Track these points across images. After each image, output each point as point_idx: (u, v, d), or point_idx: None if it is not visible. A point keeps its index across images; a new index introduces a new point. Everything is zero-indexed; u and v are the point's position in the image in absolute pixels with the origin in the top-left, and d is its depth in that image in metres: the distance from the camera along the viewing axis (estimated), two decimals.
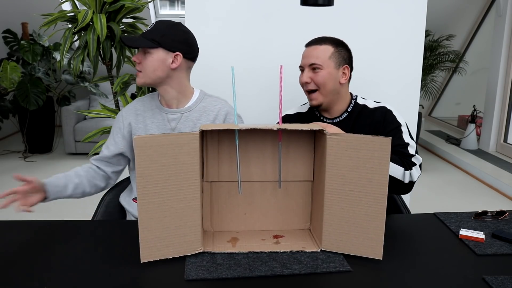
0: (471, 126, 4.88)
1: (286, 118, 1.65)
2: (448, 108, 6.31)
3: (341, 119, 1.55)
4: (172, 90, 1.51)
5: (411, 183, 1.43)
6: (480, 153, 4.71)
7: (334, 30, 2.08)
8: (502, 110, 4.62)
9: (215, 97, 1.59)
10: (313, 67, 1.49)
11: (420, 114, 4.45)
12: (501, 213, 1.40)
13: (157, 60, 1.44)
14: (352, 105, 1.56)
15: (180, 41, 1.46)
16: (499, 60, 4.50)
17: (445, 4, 5.06)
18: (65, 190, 1.43)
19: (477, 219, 1.38)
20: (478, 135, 4.96)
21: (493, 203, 3.53)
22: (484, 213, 1.39)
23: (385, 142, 1.06)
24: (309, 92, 1.53)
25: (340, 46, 1.52)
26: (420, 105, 2.79)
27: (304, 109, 1.65)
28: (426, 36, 4.78)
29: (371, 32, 2.09)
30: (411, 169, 1.42)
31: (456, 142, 5.09)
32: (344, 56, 1.52)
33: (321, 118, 1.58)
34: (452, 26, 5.49)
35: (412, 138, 1.50)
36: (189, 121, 1.53)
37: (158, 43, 1.43)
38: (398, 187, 1.42)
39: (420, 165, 1.46)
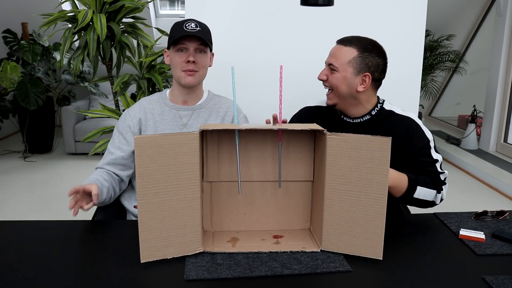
0: (471, 126, 4.88)
1: (305, 110, 1.63)
2: (448, 108, 6.31)
3: (361, 120, 1.50)
4: (199, 87, 1.59)
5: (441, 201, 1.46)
6: (480, 153, 4.70)
7: (334, 30, 2.08)
8: (502, 110, 4.62)
9: (223, 97, 1.66)
10: (331, 67, 1.45)
11: (420, 114, 4.45)
12: (501, 213, 1.40)
13: (208, 60, 1.55)
14: (378, 109, 1.50)
15: (212, 41, 1.56)
16: (499, 60, 4.50)
17: (445, 4, 5.05)
18: (101, 195, 1.39)
19: (477, 219, 1.38)
20: (478, 135, 4.96)
21: (493, 203, 3.53)
22: (484, 213, 1.39)
23: (385, 142, 1.06)
24: (327, 90, 1.50)
25: (368, 51, 1.42)
26: (420, 105, 2.80)
27: (325, 103, 1.60)
28: (426, 36, 4.78)
29: (371, 32, 2.08)
30: (442, 189, 1.44)
31: (456, 142, 5.08)
32: (369, 63, 1.42)
33: (341, 116, 1.54)
34: (452, 26, 5.49)
35: (438, 152, 1.48)
36: (201, 118, 1.58)
37: (211, 44, 1.54)
38: (428, 206, 1.44)
39: (445, 179, 1.47)
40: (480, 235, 1.23)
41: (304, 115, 1.62)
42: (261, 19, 2.08)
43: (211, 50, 1.57)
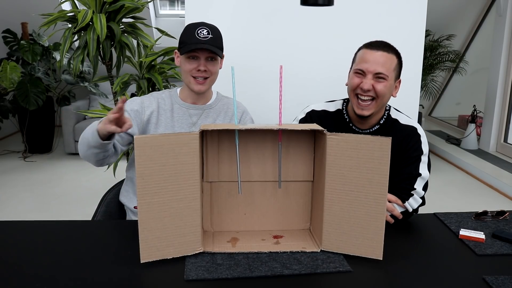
0: (471, 126, 4.88)
1: (313, 114, 1.54)
2: (448, 108, 6.31)
3: (371, 130, 1.47)
4: (208, 90, 1.60)
5: (414, 212, 1.39)
6: (480, 153, 4.71)
7: (334, 30, 2.08)
8: (502, 110, 4.62)
9: (231, 98, 1.68)
10: (379, 76, 1.37)
11: (420, 114, 4.45)
12: (501, 213, 1.40)
13: (219, 65, 1.56)
14: (385, 117, 1.48)
15: (222, 46, 1.57)
16: (499, 60, 4.50)
17: (445, 4, 5.05)
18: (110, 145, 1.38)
19: (477, 219, 1.38)
20: (478, 135, 4.96)
21: (493, 203, 3.53)
22: (484, 213, 1.39)
23: (385, 142, 1.06)
24: (363, 100, 1.39)
25: (400, 58, 1.44)
26: (420, 105, 2.79)
27: (331, 108, 1.55)
28: (426, 36, 4.78)
29: (371, 32, 2.09)
30: (408, 199, 1.37)
31: (456, 142, 5.08)
32: (401, 69, 1.45)
33: (350, 125, 1.50)
34: (452, 26, 5.49)
35: (429, 169, 1.43)
36: (210, 117, 1.61)
37: (222, 50, 1.55)
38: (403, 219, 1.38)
39: (422, 197, 1.40)
40: (480, 235, 1.23)
41: (316, 118, 1.54)
42: (261, 19, 2.08)
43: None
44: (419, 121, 4.65)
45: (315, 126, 1.14)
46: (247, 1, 2.06)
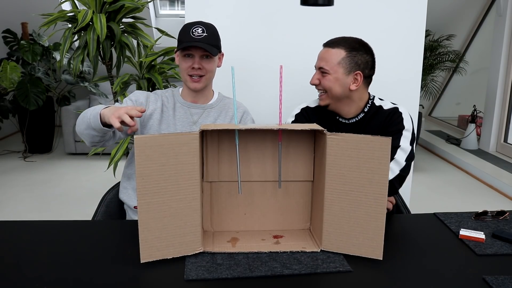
0: (471, 126, 4.88)
1: (308, 110, 1.63)
2: (448, 108, 6.31)
3: (357, 119, 1.55)
4: (208, 89, 1.62)
5: (392, 183, 1.41)
6: (480, 153, 4.71)
7: (334, 30, 2.08)
8: (502, 110, 4.62)
9: (232, 99, 1.70)
10: (321, 71, 1.49)
11: (420, 114, 4.45)
12: (501, 213, 1.40)
13: (215, 63, 1.58)
14: (369, 105, 1.55)
15: (219, 44, 1.58)
16: (499, 60, 4.50)
17: (445, 4, 5.06)
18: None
19: (477, 219, 1.38)
20: (478, 135, 4.96)
21: (493, 203, 3.53)
22: (484, 213, 1.39)
23: (385, 142, 1.06)
24: (319, 93, 1.54)
25: (356, 50, 1.46)
26: (420, 105, 2.79)
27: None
28: (426, 36, 4.78)
29: (371, 32, 2.09)
30: None
31: (456, 142, 5.08)
32: (359, 62, 1.46)
33: (337, 117, 1.58)
34: (452, 26, 5.49)
35: (411, 145, 1.47)
36: (210, 117, 1.62)
37: (219, 48, 1.57)
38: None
39: (404, 169, 1.43)
40: (480, 235, 1.23)
41: (311, 113, 1.63)
42: (261, 19, 2.08)
43: (220, 51, 1.59)
44: (419, 121, 4.65)
45: (315, 126, 1.14)
46: (247, 1, 2.06)
